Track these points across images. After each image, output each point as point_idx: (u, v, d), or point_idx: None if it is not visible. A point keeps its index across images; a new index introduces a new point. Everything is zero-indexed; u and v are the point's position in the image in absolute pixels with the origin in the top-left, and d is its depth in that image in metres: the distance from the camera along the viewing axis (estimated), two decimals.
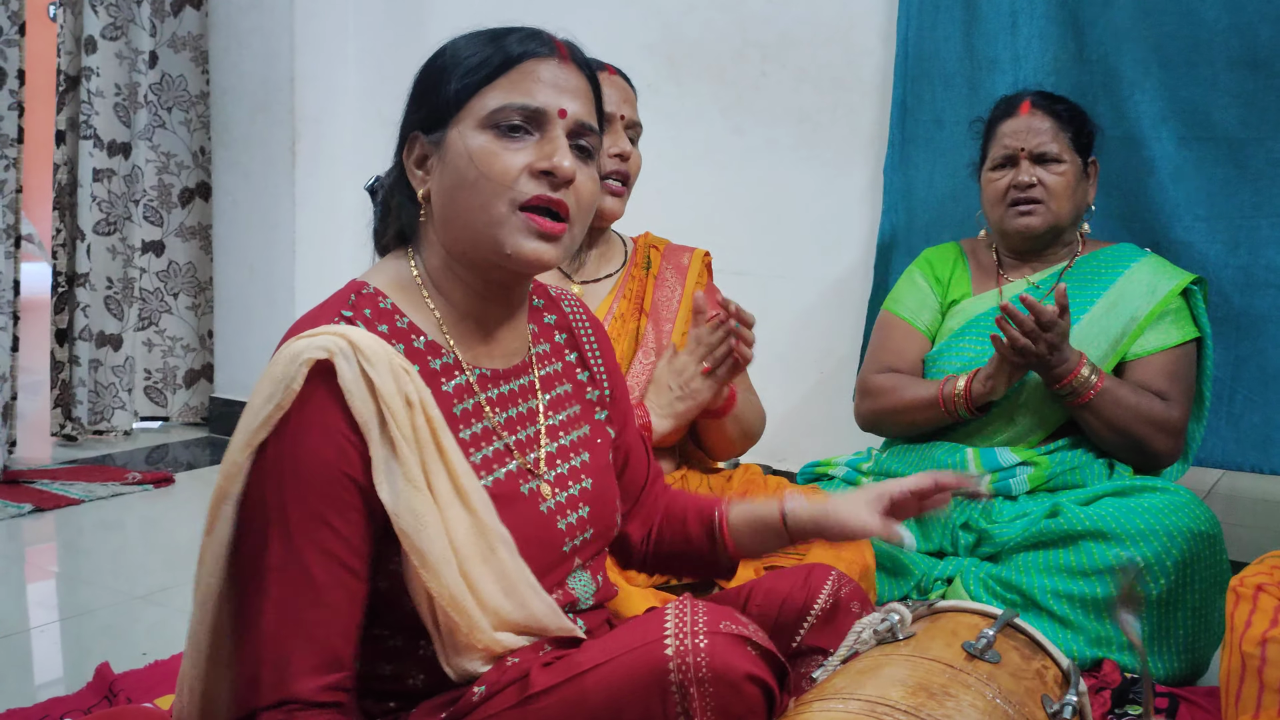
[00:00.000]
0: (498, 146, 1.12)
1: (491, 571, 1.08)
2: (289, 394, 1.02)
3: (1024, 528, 1.95)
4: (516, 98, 1.13)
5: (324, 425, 1.03)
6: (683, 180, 2.96)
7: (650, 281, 2.03)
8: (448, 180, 1.15)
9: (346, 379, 1.03)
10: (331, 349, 1.03)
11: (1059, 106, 2.14)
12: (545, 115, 1.14)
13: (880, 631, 1.10)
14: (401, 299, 1.18)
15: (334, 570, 1.03)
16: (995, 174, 2.16)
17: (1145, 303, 2.08)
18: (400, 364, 1.06)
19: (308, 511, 1.02)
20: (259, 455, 1.04)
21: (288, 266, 3.51)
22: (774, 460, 2.84)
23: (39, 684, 1.85)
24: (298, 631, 1.02)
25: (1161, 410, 2.01)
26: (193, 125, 3.67)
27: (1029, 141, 2.11)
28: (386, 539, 1.06)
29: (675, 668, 0.98)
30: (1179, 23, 2.30)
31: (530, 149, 1.13)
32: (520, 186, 1.12)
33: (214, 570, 1.07)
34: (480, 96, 1.14)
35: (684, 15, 3.00)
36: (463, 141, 1.13)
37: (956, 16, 2.55)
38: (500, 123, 1.13)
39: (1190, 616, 1.84)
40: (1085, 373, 1.98)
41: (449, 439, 1.08)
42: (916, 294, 2.29)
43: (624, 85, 1.95)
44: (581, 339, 1.36)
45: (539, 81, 1.14)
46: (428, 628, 1.08)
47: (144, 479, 3.04)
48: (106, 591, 2.28)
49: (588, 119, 1.17)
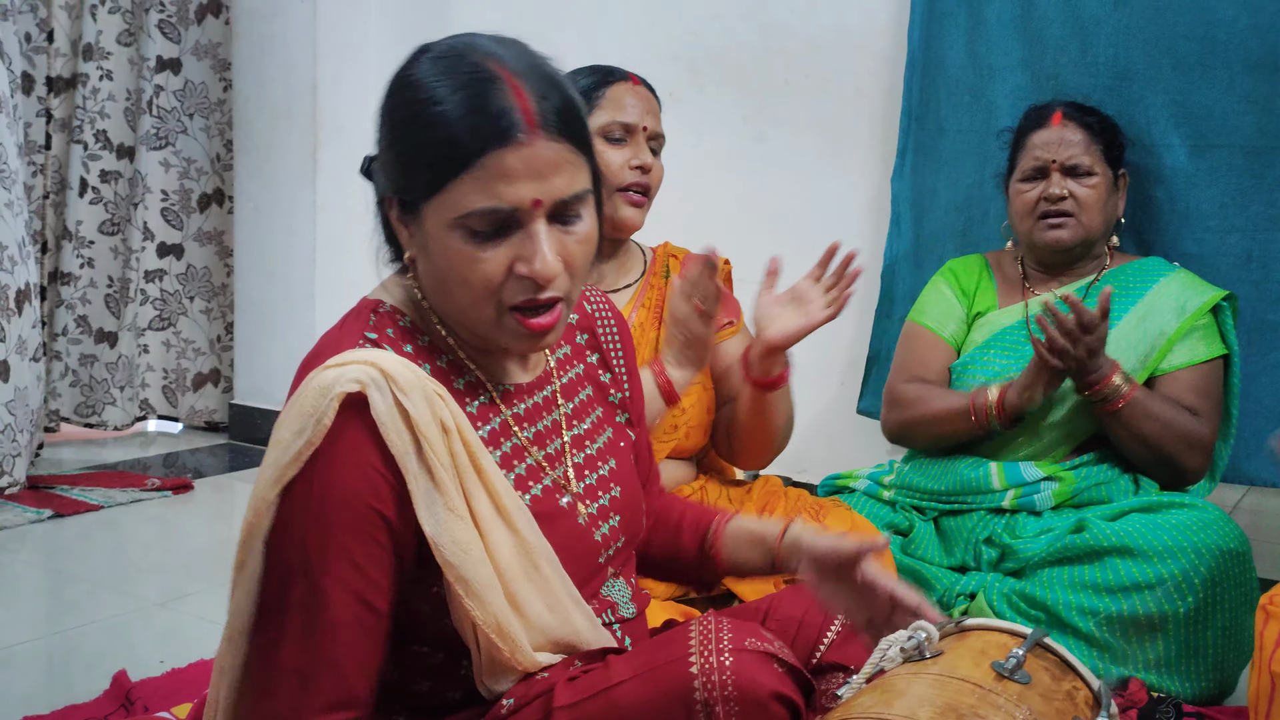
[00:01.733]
0: (474, 252, 1.04)
1: (536, 589, 1.07)
2: (320, 429, 0.99)
3: (1049, 543, 1.93)
4: (483, 201, 1.03)
5: (355, 460, 1.00)
6: (704, 188, 2.94)
7: (669, 291, 2.01)
8: (431, 263, 1.09)
9: (380, 411, 0.99)
10: (364, 380, 1.00)
11: (1091, 118, 2.12)
12: (519, 213, 1.04)
13: (907, 649, 1.08)
14: (416, 317, 1.15)
15: (355, 609, 1.00)
16: (1025, 185, 2.13)
17: (1174, 318, 2.05)
18: (434, 389, 1.03)
19: (334, 549, 1.00)
20: (288, 490, 1.01)
21: (308, 273, 3.51)
22: (794, 472, 2.82)
23: (56, 690, 1.84)
24: (317, 669, 1.00)
25: (1192, 425, 1.99)
26: (211, 132, 3.70)
27: (1060, 153, 2.09)
28: (425, 565, 1.04)
29: (700, 685, 0.96)
30: (1193, 22, 2.22)
31: (509, 247, 1.05)
32: (504, 293, 1.06)
33: (244, 607, 1.05)
34: (446, 192, 1.04)
35: (707, 23, 2.99)
36: (437, 238, 1.06)
37: (961, 24, 2.49)
38: (472, 227, 1.04)
39: (1219, 635, 1.81)
40: (1117, 380, 1.95)
41: (488, 460, 1.06)
42: (942, 304, 2.26)
43: (648, 96, 1.93)
44: (604, 339, 1.33)
45: (507, 176, 1.03)
46: (470, 648, 1.06)
47: (163, 485, 3.05)
48: (125, 598, 2.28)
49: (570, 190, 1.06)
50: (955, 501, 2.07)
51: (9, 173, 2.85)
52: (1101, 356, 1.94)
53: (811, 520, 1.87)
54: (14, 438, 2.87)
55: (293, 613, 1.00)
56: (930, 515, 2.12)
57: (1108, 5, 2.30)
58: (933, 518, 2.11)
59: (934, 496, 2.10)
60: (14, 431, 2.87)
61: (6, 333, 2.85)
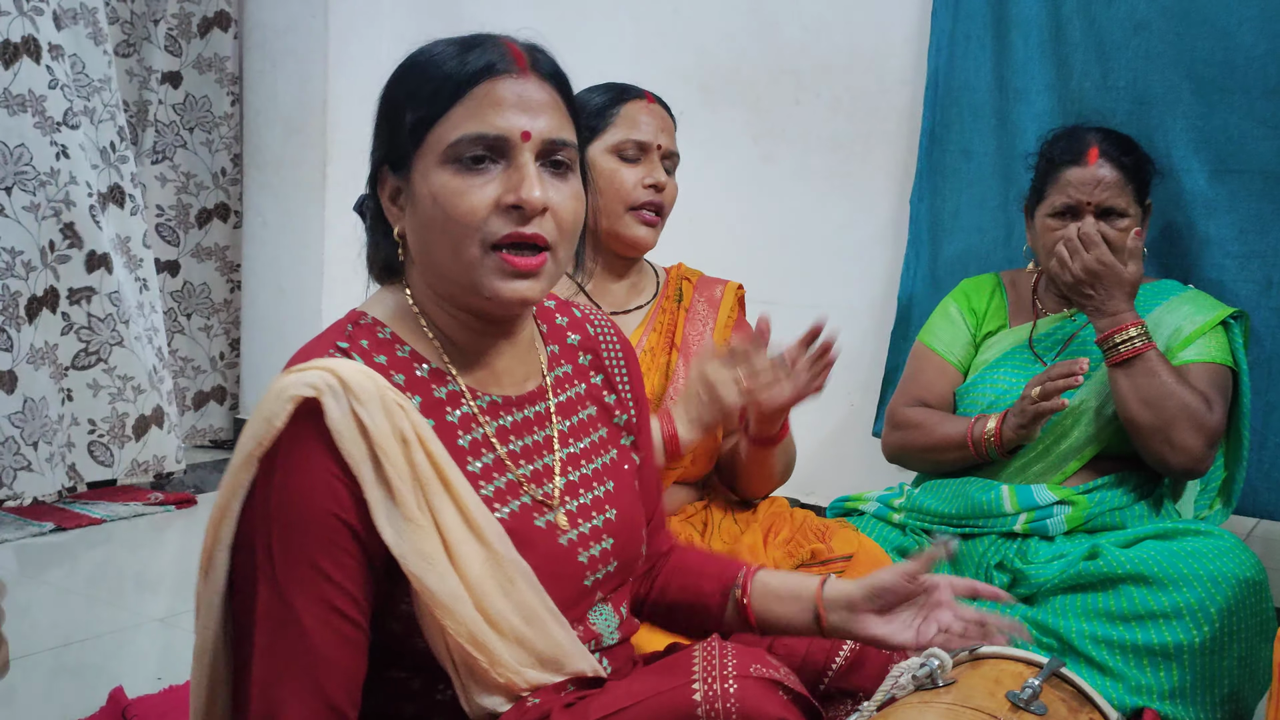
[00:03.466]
0: (461, 184, 1.05)
1: (511, 603, 1.04)
2: (270, 431, 0.97)
3: (1061, 569, 1.90)
4: (473, 127, 1.05)
5: (312, 466, 0.97)
6: (714, 208, 2.93)
7: (682, 315, 1.98)
8: (419, 220, 1.08)
9: (334, 419, 0.97)
10: (319, 386, 0.97)
11: (1126, 158, 2.08)
12: (507, 141, 1.06)
13: (919, 677, 1.05)
14: (401, 328, 1.13)
15: (326, 616, 0.97)
16: (1055, 222, 2.09)
17: (1187, 324, 2.04)
18: (394, 399, 1.01)
19: (297, 556, 0.97)
20: (248, 498, 0.99)
21: (316, 289, 3.51)
22: (802, 494, 2.79)
23: (53, 705, 1.82)
24: (287, 682, 0.97)
25: (1199, 405, 1.93)
26: (215, 146, 3.68)
27: (1096, 195, 2.05)
28: (395, 581, 1.01)
29: (704, 713, 0.93)
30: (1213, 47, 2.21)
31: (497, 181, 1.06)
32: (489, 226, 1.05)
33: (210, 617, 1.03)
34: (437, 128, 1.07)
35: (718, 43, 2.98)
36: (426, 182, 1.07)
37: (987, 46, 2.48)
38: (461, 156, 1.05)
39: (1235, 665, 1.77)
40: (1136, 331, 1.93)
41: (455, 472, 1.03)
42: (950, 327, 2.24)
43: (663, 114, 1.92)
44: (608, 362, 1.30)
45: (497, 104, 1.06)
46: (445, 668, 1.03)
47: (166, 500, 3.03)
48: (124, 613, 2.26)
49: (556, 134, 1.08)
50: (966, 525, 2.04)
51: (33, 175, 2.84)
52: (1120, 300, 1.94)
53: (817, 541, 1.85)
54: (16, 450, 2.85)
55: (261, 624, 0.98)
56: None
57: (1128, 30, 2.30)
58: None
59: (945, 520, 2.07)
60: (16, 444, 2.85)
61: (15, 342, 2.84)
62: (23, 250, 2.84)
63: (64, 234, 2.90)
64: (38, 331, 2.89)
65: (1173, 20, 2.25)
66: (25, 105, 2.82)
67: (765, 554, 1.83)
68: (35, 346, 2.88)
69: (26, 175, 2.83)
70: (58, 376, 2.93)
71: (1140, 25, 2.28)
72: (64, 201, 2.88)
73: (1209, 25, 2.21)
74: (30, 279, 2.87)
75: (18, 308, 2.85)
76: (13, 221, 2.82)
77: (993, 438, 2.00)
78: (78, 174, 2.91)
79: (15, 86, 2.81)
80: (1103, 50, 2.33)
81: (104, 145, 3.09)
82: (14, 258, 2.83)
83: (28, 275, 2.86)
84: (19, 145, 2.82)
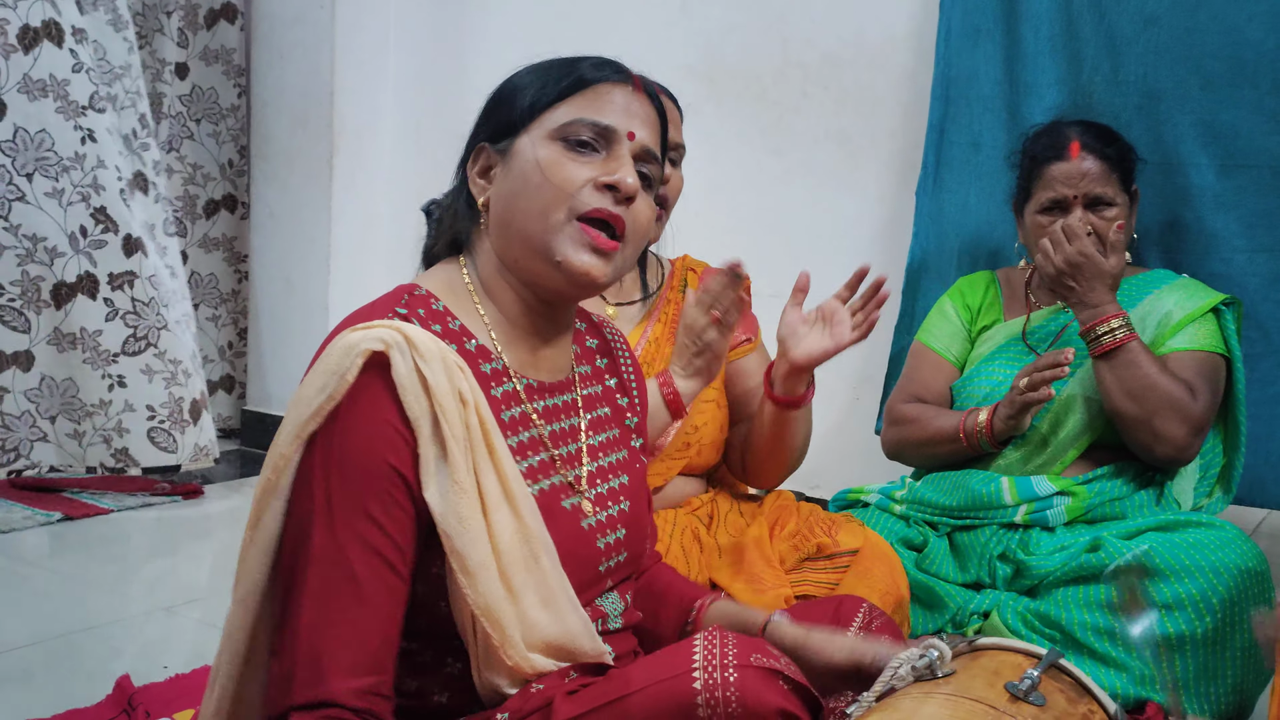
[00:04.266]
0: (565, 157, 1.14)
1: (533, 580, 1.06)
2: (342, 384, 1.00)
3: (1064, 561, 1.90)
4: (589, 114, 1.16)
5: (376, 418, 1.01)
6: (721, 201, 2.93)
7: (685, 301, 1.99)
8: (510, 185, 1.16)
9: (401, 373, 1.01)
10: (388, 341, 1.01)
11: (1109, 150, 2.10)
12: (614, 134, 1.16)
13: (918, 668, 1.06)
14: (452, 303, 1.17)
15: (376, 566, 1.00)
16: (1044, 218, 2.11)
17: (1177, 310, 2.05)
18: (455, 360, 1.05)
19: (353, 504, 1.00)
20: (307, 447, 1.02)
21: (322, 280, 3.52)
22: (807, 487, 2.79)
23: (59, 694, 1.83)
24: (335, 627, 0.98)
25: (1184, 395, 1.95)
26: (222, 138, 3.69)
27: (1081, 187, 2.07)
28: (429, 543, 1.04)
29: (704, 702, 0.94)
30: (1222, 43, 2.21)
31: (596, 164, 1.15)
32: (582, 196, 1.14)
33: (257, 566, 1.04)
34: (553, 110, 1.16)
35: (725, 35, 2.98)
36: (531, 149, 1.15)
37: (997, 40, 2.48)
38: (570, 136, 1.15)
39: (1238, 656, 1.78)
40: (1118, 323, 1.95)
41: (500, 440, 1.07)
42: (947, 325, 2.27)
43: (669, 105, 1.92)
44: (622, 366, 1.36)
45: (611, 103, 1.17)
46: (464, 638, 1.05)
47: (173, 490, 3.04)
48: (130, 602, 2.27)
49: (653, 146, 1.20)
50: (968, 517, 2.05)
51: (55, 160, 2.84)
52: (1107, 291, 1.96)
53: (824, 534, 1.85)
54: (33, 423, 2.88)
55: (314, 568, 0.99)
56: (944, 531, 2.10)
57: (1138, 25, 2.30)
58: (946, 533, 2.09)
59: (946, 512, 2.09)
60: (33, 417, 2.87)
61: (34, 324, 2.85)
62: (45, 236, 2.85)
63: (95, 219, 2.90)
64: (69, 317, 2.89)
65: (1182, 15, 2.25)
66: (46, 90, 2.82)
67: (771, 547, 1.83)
68: (63, 331, 2.89)
69: (48, 161, 2.83)
70: (99, 363, 2.93)
71: (1150, 20, 2.28)
72: (92, 186, 2.88)
73: (1218, 21, 2.21)
74: (56, 265, 2.88)
75: (39, 292, 2.86)
76: (34, 208, 2.83)
77: (984, 429, 2.04)
78: (106, 158, 2.91)
79: (35, 72, 2.81)
80: (1113, 45, 2.33)
81: (126, 132, 3.09)
82: (35, 244, 2.84)
83: (52, 261, 2.87)
84: (40, 131, 2.82)
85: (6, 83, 2.78)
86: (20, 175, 2.81)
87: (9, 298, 2.83)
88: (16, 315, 2.83)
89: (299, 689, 0.97)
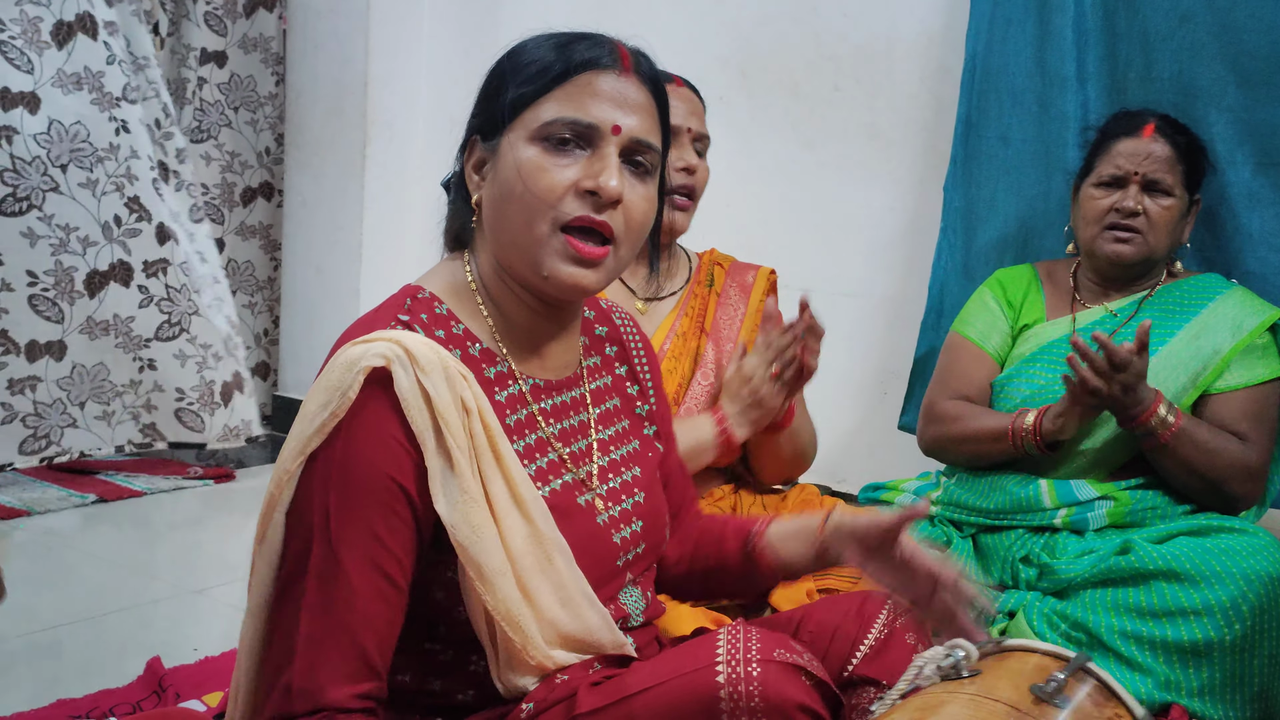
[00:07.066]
0: (546, 161, 1.09)
1: (548, 582, 1.06)
2: (344, 401, 1.00)
3: (1093, 564, 1.88)
4: (569, 111, 1.10)
5: (379, 432, 1.01)
6: (751, 194, 2.92)
7: (713, 299, 1.99)
8: (498, 189, 1.12)
9: (403, 388, 1.01)
10: (389, 356, 1.01)
11: (1181, 138, 2.06)
12: (597, 131, 1.10)
13: (944, 667, 1.05)
14: (456, 305, 1.16)
15: (374, 579, 1.00)
16: (1098, 192, 2.07)
17: (1229, 337, 2.00)
18: (457, 369, 1.04)
19: (354, 518, 1.00)
20: (310, 462, 1.02)
21: (354, 268, 3.54)
22: (833, 481, 2.79)
23: (91, 674, 1.86)
24: (333, 637, 1.00)
25: (1240, 453, 1.93)
26: (259, 126, 3.71)
27: (1144, 166, 2.03)
28: (441, 550, 1.04)
29: (726, 695, 0.95)
30: (1259, 39, 2.16)
31: (579, 166, 1.10)
32: (564, 206, 1.08)
33: (266, 579, 1.06)
34: (535, 107, 1.11)
35: (758, 27, 2.97)
36: (512, 153, 1.10)
37: (1029, 32, 2.44)
38: (551, 136, 1.10)
39: (1265, 664, 1.76)
40: (1162, 412, 1.89)
41: (506, 446, 1.07)
42: (986, 315, 2.21)
43: (691, 97, 1.92)
44: (633, 353, 1.34)
45: (595, 95, 1.10)
46: (483, 642, 1.06)
47: (205, 474, 3.08)
48: (162, 585, 2.30)
49: (646, 135, 1.13)
50: (1001, 519, 2.03)
51: (90, 151, 2.88)
52: (1142, 390, 1.88)
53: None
54: (63, 410, 2.92)
55: (312, 582, 1.00)
56: (968, 532, 2.08)
57: (1174, 21, 2.26)
58: (970, 534, 2.07)
59: (981, 513, 2.05)
60: (64, 405, 2.91)
61: (68, 315, 2.89)
62: (79, 226, 2.88)
63: (129, 208, 2.93)
64: (102, 305, 2.92)
65: (1218, 12, 2.21)
66: (81, 83, 2.85)
67: None
68: (95, 319, 2.92)
69: (83, 152, 2.86)
70: (131, 348, 2.96)
71: (1185, 17, 2.24)
72: (126, 176, 2.91)
73: (1255, 18, 2.17)
74: (89, 254, 2.91)
75: (72, 283, 2.89)
76: (68, 199, 2.86)
77: (1031, 431, 1.97)
78: (139, 148, 2.94)
79: (70, 65, 2.84)
80: (1147, 41, 2.29)
81: (149, 122, 3.13)
82: (69, 234, 2.87)
83: (84, 251, 2.90)
84: (75, 123, 2.85)
85: (41, 78, 2.81)
86: (55, 166, 2.84)
87: (43, 287, 2.86)
88: (50, 305, 2.86)
89: (298, 699, 0.99)
